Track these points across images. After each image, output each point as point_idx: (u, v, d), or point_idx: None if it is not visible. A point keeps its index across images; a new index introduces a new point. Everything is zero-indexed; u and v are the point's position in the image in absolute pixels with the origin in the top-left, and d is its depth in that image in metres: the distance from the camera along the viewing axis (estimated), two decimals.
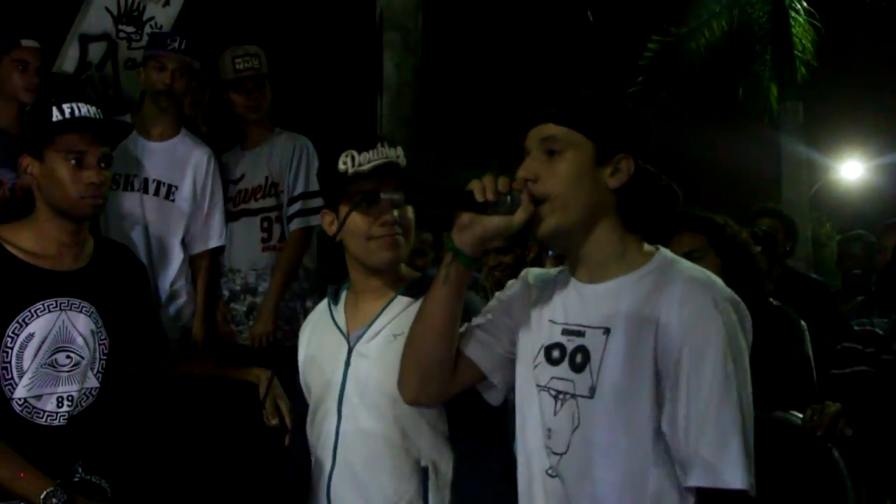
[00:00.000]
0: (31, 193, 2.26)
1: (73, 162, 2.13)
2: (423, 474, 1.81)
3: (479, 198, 1.46)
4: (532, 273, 1.71)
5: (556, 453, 1.51)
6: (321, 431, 1.90)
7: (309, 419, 1.96)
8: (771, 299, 2.71)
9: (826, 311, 3.51)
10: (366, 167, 1.81)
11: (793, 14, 11.19)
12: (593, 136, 1.51)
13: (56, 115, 2.14)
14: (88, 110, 2.17)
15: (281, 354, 2.51)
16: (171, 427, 2.90)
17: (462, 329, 1.66)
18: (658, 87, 11.58)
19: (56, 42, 3.61)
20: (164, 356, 2.50)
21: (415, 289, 1.87)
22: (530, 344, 1.60)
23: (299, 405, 2.04)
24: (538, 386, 1.56)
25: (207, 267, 3.29)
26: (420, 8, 5.77)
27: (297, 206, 3.31)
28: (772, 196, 10.48)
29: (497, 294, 1.72)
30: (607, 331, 1.47)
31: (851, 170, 16.61)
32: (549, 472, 1.53)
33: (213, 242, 3.28)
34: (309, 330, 2.06)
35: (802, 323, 2.77)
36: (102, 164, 2.18)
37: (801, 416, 2.23)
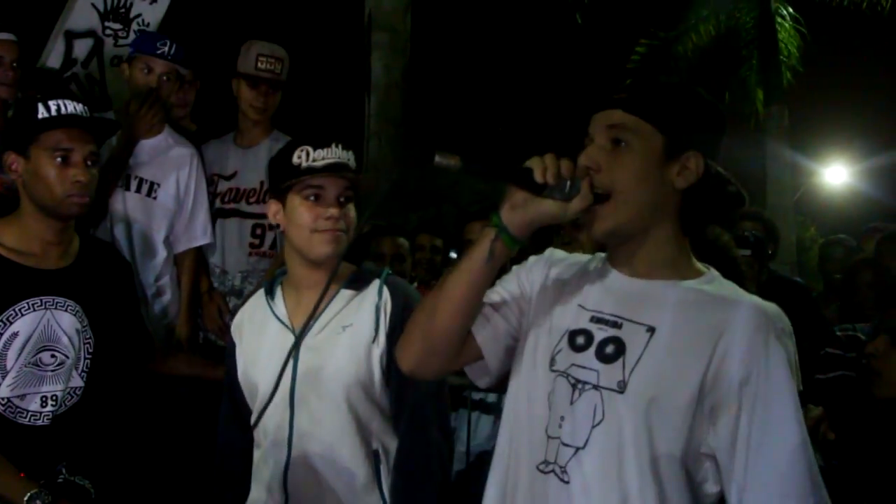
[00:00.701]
0: (16, 191, 2.24)
1: (58, 160, 2.12)
2: (375, 457, 1.88)
3: (538, 178, 1.34)
4: (557, 254, 1.60)
5: (568, 445, 1.39)
6: (272, 425, 1.92)
7: (255, 414, 1.95)
8: None
9: (807, 315, 3.53)
10: (319, 163, 1.89)
11: (779, 20, 11.27)
12: (664, 128, 1.39)
13: (42, 113, 2.12)
14: (75, 108, 2.15)
15: None
16: (155, 426, 2.89)
17: None
18: None
19: (41, 38, 3.58)
20: (150, 355, 2.49)
21: (357, 282, 1.95)
22: (551, 326, 1.48)
23: (228, 403, 2.06)
24: (554, 370, 1.44)
25: (192, 265, 3.27)
26: (409, 9, 5.78)
27: None
28: (757, 199, 10.52)
29: (514, 269, 1.60)
30: (651, 329, 1.38)
31: (836, 174, 16.72)
32: (543, 466, 1.41)
33: (198, 241, 3.26)
34: (246, 325, 2.07)
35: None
36: (89, 163, 2.16)
37: None
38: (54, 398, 2.14)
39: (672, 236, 1.44)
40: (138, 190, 3.16)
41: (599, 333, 1.42)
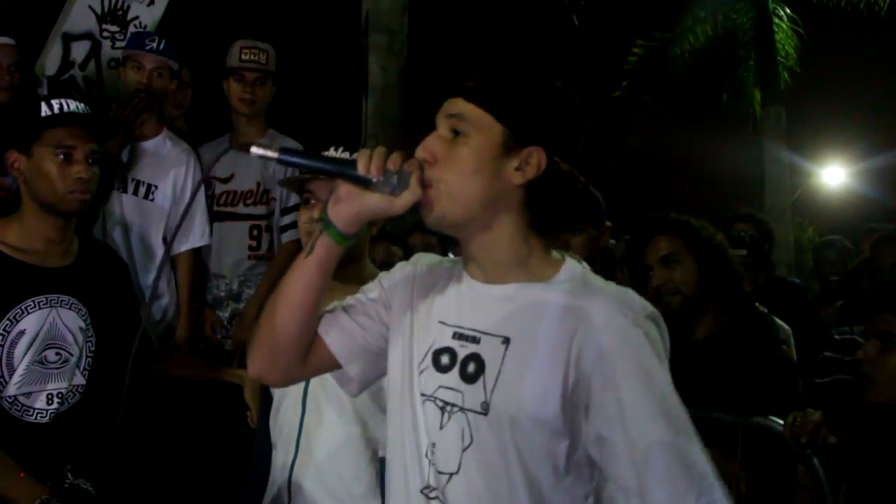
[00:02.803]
0: (15, 194, 2.24)
1: (60, 157, 2.13)
2: (380, 464, 1.85)
3: (361, 171, 1.29)
4: (424, 260, 1.52)
5: (442, 472, 1.33)
6: (285, 423, 1.95)
7: (273, 411, 2.00)
8: (757, 304, 2.73)
9: (804, 316, 3.54)
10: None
11: (776, 21, 11.29)
12: (505, 120, 1.32)
13: (45, 111, 2.14)
14: (77, 106, 2.17)
15: None
16: (154, 427, 2.89)
17: (329, 308, 1.48)
18: (643, 92, 11.64)
19: (38, 41, 3.58)
20: (148, 356, 2.49)
21: None
22: (414, 345, 1.41)
23: (263, 400, 2.08)
24: (422, 395, 1.37)
25: (190, 267, 3.26)
26: (406, 10, 5.78)
27: (291, 217, 3.27)
28: (754, 201, 10.55)
29: (380, 276, 1.53)
30: (506, 340, 1.31)
31: (833, 175, 16.73)
32: (427, 491, 1.34)
33: (194, 242, 3.26)
34: None
35: (786, 327, 2.78)
36: (90, 160, 2.17)
37: (781, 421, 2.24)
38: (59, 396, 2.15)
39: (517, 234, 1.35)
40: (135, 192, 3.16)
41: (462, 351, 1.35)
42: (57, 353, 2.16)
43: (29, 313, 2.12)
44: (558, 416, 1.27)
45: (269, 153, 1.29)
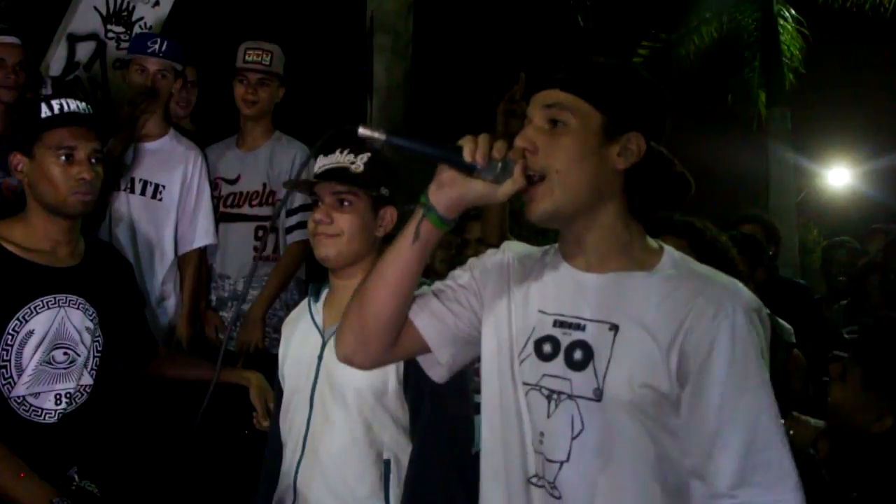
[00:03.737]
0: (20, 194, 2.25)
1: (62, 158, 2.13)
2: (385, 466, 1.86)
3: (467, 158, 1.29)
4: (513, 248, 1.52)
5: (552, 461, 1.33)
6: (293, 421, 1.96)
7: (283, 409, 2.01)
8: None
9: (809, 316, 3.54)
10: (317, 171, 1.94)
11: (781, 21, 11.27)
12: (604, 107, 1.33)
13: (45, 112, 2.13)
14: (78, 106, 2.16)
15: (268, 362, 2.52)
16: (159, 427, 2.89)
17: (418, 292, 1.48)
18: None
19: (44, 41, 3.59)
20: (152, 356, 2.50)
21: None
22: (511, 334, 1.42)
23: (277, 397, 2.09)
24: (525, 384, 1.38)
25: (195, 267, 3.27)
26: (411, 11, 5.78)
27: (296, 218, 3.28)
28: (759, 202, 10.54)
29: (469, 263, 1.53)
30: (615, 327, 1.32)
31: (838, 176, 16.70)
32: (534, 480, 1.36)
33: (199, 242, 3.26)
34: (290, 326, 2.11)
35: (788, 327, 2.78)
36: (93, 160, 2.17)
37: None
38: (67, 396, 2.16)
39: (619, 221, 1.37)
40: (143, 192, 3.17)
41: (565, 339, 1.36)
42: (65, 353, 2.16)
43: (38, 313, 2.12)
44: (667, 398, 1.29)
45: (377, 134, 1.29)
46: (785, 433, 1.29)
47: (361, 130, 1.29)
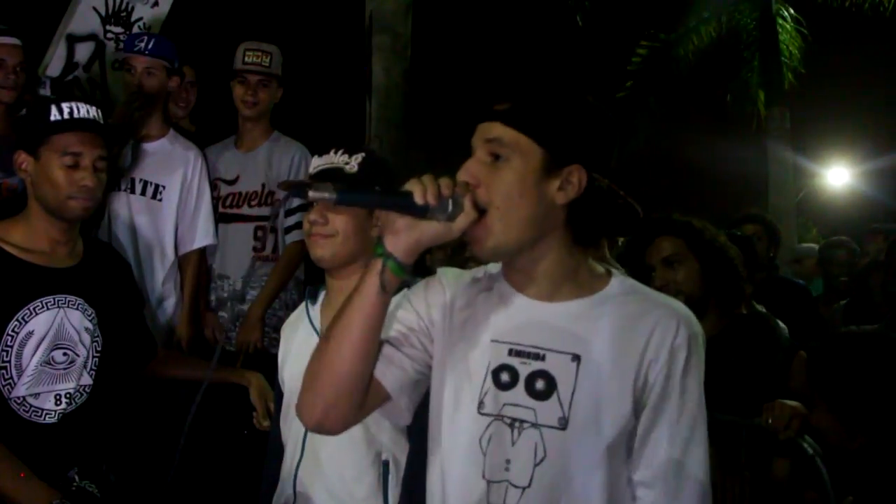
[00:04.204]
0: (18, 193, 2.25)
1: (67, 163, 2.13)
2: (383, 468, 1.87)
3: (419, 200, 1.29)
4: (449, 275, 1.50)
5: (516, 486, 1.34)
6: (293, 424, 1.95)
7: (283, 412, 2.01)
8: (754, 303, 2.73)
9: (807, 316, 3.55)
10: (312, 171, 1.95)
11: (780, 21, 11.27)
12: (544, 142, 1.34)
13: (55, 115, 2.13)
14: (88, 111, 2.17)
15: (267, 361, 2.52)
16: (159, 427, 2.89)
17: None
18: (647, 93, 11.62)
19: (43, 42, 3.59)
20: (151, 356, 2.50)
21: None
22: (468, 365, 1.41)
23: (277, 400, 2.10)
24: (485, 413, 1.38)
25: (195, 267, 3.27)
26: (409, 11, 5.77)
27: (295, 219, 3.28)
28: (759, 201, 10.53)
29: (409, 299, 1.51)
30: (577, 357, 1.34)
31: (837, 176, 16.73)
32: None
33: (199, 242, 3.26)
34: (289, 329, 2.11)
35: (783, 326, 2.78)
36: (97, 167, 2.17)
37: None
38: (67, 396, 2.16)
39: (564, 250, 1.39)
40: (143, 193, 3.17)
41: (524, 368, 1.37)
42: (64, 354, 2.16)
43: (37, 314, 2.13)
44: (632, 423, 1.34)
45: (328, 196, 1.30)
46: (706, 458, 1.36)
47: (312, 193, 1.30)
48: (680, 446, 1.33)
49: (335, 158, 1.92)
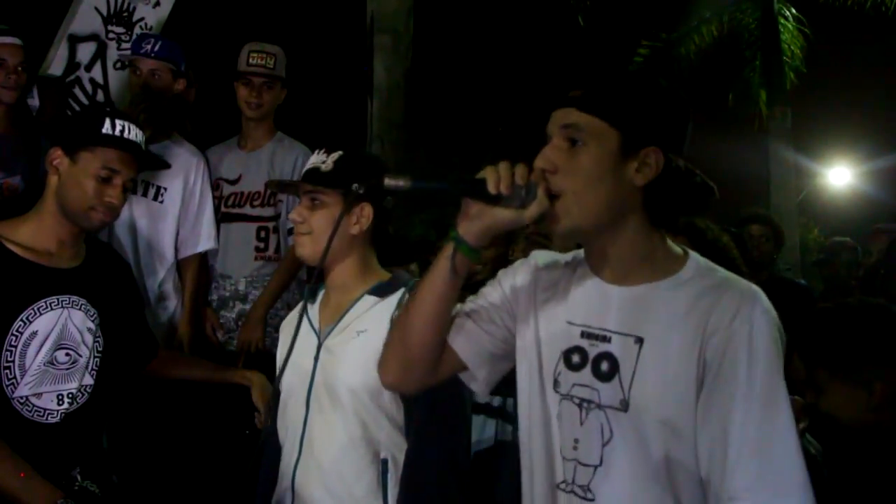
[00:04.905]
0: (19, 193, 2.25)
1: (103, 175, 2.16)
2: (382, 466, 1.88)
3: (492, 189, 1.32)
4: (540, 259, 1.55)
5: (586, 465, 1.39)
6: (290, 422, 1.97)
7: (280, 410, 2.02)
8: None
9: None
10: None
11: (782, 21, 11.27)
12: (620, 126, 1.36)
13: (107, 128, 2.16)
14: (136, 135, 2.21)
15: (269, 361, 2.52)
16: (161, 428, 2.89)
17: (454, 313, 1.53)
18: None
19: (44, 42, 3.60)
20: (152, 356, 2.50)
21: (382, 289, 1.96)
22: (544, 347, 1.47)
23: (275, 399, 2.10)
24: (560, 394, 1.43)
25: (196, 269, 3.27)
26: (411, 11, 5.78)
27: None
28: (760, 201, 10.53)
29: (499, 277, 1.57)
30: (640, 340, 1.36)
31: (839, 175, 16.71)
32: (562, 486, 1.41)
33: (202, 246, 3.27)
34: (288, 327, 2.13)
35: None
36: (126, 187, 2.21)
37: None
38: (70, 396, 2.16)
39: (641, 232, 1.41)
40: (144, 194, 3.17)
41: (592, 350, 1.41)
42: (67, 354, 2.17)
43: (41, 314, 2.13)
44: (693, 408, 1.32)
45: (402, 182, 1.33)
46: (800, 442, 1.30)
47: (387, 181, 1.33)
48: (754, 425, 1.27)
49: (315, 158, 1.96)
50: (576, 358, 1.42)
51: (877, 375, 1.93)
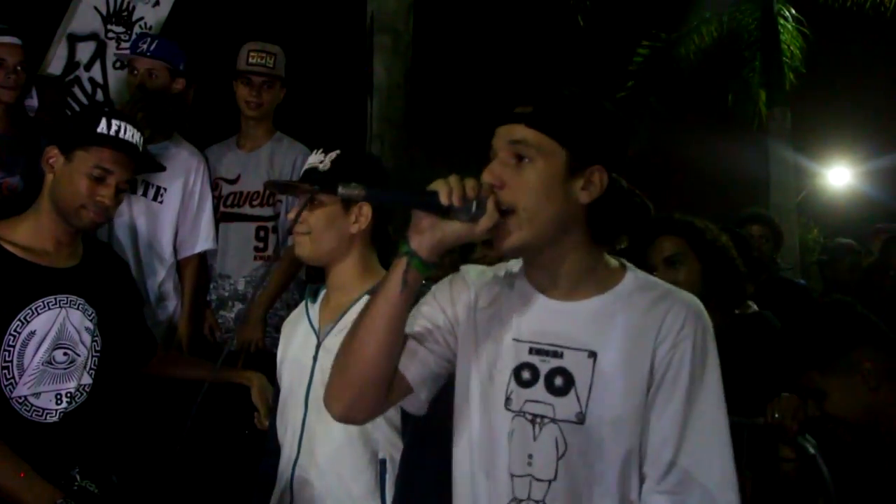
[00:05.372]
0: (18, 193, 2.25)
1: (96, 174, 2.15)
2: (380, 466, 1.88)
3: (444, 201, 1.33)
4: (472, 273, 1.56)
5: (541, 480, 1.40)
6: (289, 422, 1.97)
7: (279, 410, 2.02)
8: (750, 302, 2.73)
9: None
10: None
11: (781, 21, 11.27)
12: (567, 144, 1.39)
13: (102, 127, 2.16)
14: (133, 135, 2.21)
15: (269, 361, 2.52)
16: (159, 427, 2.89)
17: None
18: (648, 93, 11.62)
19: (44, 41, 3.59)
20: (151, 355, 2.50)
21: None
22: (490, 366, 1.47)
23: (275, 398, 2.11)
24: (513, 412, 1.44)
25: (195, 270, 3.27)
26: (411, 11, 5.77)
27: None
28: (760, 201, 10.53)
29: (434, 294, 1.57)
30: (593, 354, 1.39)
31: (839, 176, 16.70)
32: (519, 499, 1.42)
33: (200, 246, 3.27)
34: (289, 327, 2.13)
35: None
36: (120, 187, 2.21)
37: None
38: (69, 395, 2.17)
39: (584, 249, 1.44)
40: (144, 194, 3.17)
41: (543, 366, 1.42)
42: (65, 354, 2.17)
43: (39, 314, 2.13)
44: (644, 410, 1.38)
45: (356, 192, 1.34)
46: (730, 441, 1.38)
47: (340, 190, 1.35)
48: (693, 429, 1.37)
49: (313, 158, 1.97)
50: (526, 374, 1.43)
51: (862, 355, 1.98)
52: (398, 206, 1.39)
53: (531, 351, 1.44)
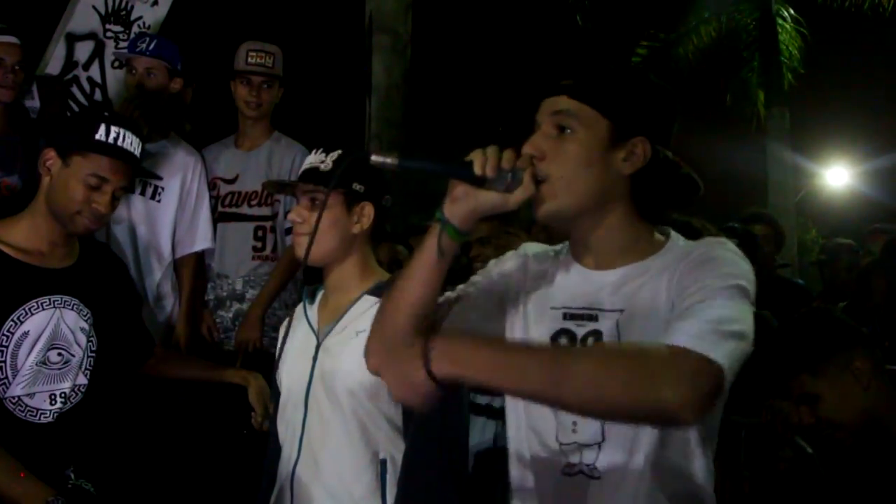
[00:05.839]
0: (18, 192, 2.25)
1: (92, 182, 2.14)
2: (381, 466, 1.88)
3: (477, 171, 1.32)
4: (532, 249, 1.57)
5: (589, 445, 1.39)
6: (289, 422, 1.97)
7: (280, 411, 2.02)
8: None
9: None
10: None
11: (780, 21, 11.29)
12: (610, 114, 1.38)
13: (100, 134, 2.14)
14: (131, 143, 2.18)
15: (267, 361, 2.52)
16: (157, 428, 2.89)
17: (442, 299, 1.50)
18: None
19: (42, 41, 3.59)
20: (149, 354, 2.50)
21: (381, 290, 1.94)
22: (533, 335, 1.47)
23: (275, 399, 2.10)
24: None
25: (193, 269, 3.26)
26: (409, 11, 5.78)
27: None
28: (758, 201, 10.55)
29: (489, 266, 1.57)
30: (621, 312, 1.39)
31: (837, 176, 16.71)
32: (567, 470, 1.40)
33: (198, 245, 3.26)
34: (287, 327, 2.11)
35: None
36: (116, 195, 2.19)
37: None
38: (63, 395, 2.16)
39: (626, 222, 1.43)
40: (142, 193, 3.17)
41: (580, 330, 1.42)
42: (59, 354, 2.16)
43: (33, 314, 2.13)
44: None
45: (389, 160, 1.32)
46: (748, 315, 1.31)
47: (374, 157, 1.33)
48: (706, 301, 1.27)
49: (314, 158, 1.96)
50: (564, 340, 1.43)
51: (852, 354, 1.98)
52: (432, 174, 1.37)
53: (565, 316, 1.43)
